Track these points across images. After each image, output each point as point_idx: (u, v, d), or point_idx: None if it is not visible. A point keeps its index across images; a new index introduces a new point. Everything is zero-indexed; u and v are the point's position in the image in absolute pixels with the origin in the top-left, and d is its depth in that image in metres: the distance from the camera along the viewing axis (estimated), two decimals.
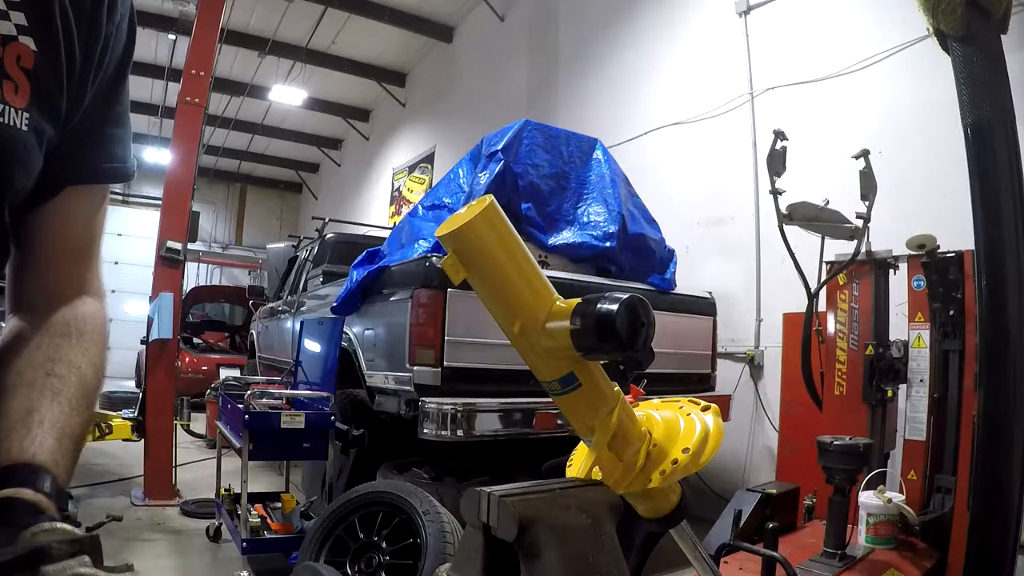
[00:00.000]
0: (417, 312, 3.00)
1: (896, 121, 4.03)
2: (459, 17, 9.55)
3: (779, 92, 4.83)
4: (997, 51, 2.05)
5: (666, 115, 5.78)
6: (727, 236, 5.09)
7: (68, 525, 0.51)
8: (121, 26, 0.72)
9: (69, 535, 0.50)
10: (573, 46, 7.20)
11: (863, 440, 2.44)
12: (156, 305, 4.82)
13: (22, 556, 0.46)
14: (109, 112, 0.74)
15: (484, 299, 0.61)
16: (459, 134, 9.16)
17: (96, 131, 0.73)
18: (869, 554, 2.49)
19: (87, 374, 0.71)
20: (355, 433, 3.45)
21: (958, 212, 2.36)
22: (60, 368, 0.68)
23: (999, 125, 2.01)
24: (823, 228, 3.09)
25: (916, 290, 2.90)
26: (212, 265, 16.23)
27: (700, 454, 0.65)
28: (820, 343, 3.13)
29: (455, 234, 0.58)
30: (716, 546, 2.33)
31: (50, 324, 0.72)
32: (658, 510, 0.72)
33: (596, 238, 3.72)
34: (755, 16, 5.13)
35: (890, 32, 4.04)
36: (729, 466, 4.68)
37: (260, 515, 3.31)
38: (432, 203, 3.83)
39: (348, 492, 2.76)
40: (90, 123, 0.71)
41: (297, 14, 8.96)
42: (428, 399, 2.92)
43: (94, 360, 0.73)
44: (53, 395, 0.65)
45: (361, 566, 2.53)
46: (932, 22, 2.07)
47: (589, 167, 3.96)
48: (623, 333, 0.55)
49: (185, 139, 5.12)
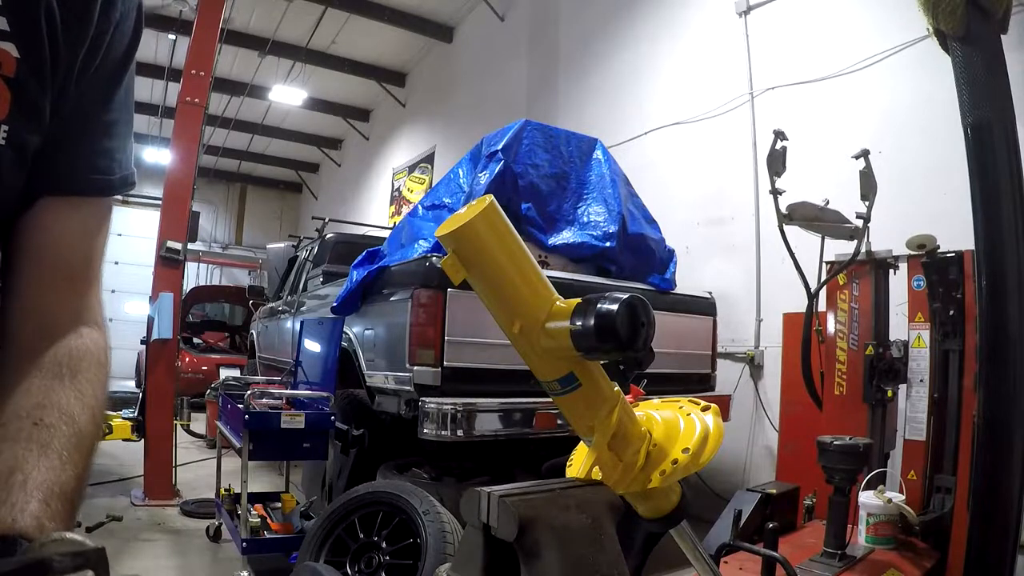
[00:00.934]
0: (417, 312, 3.00)
1: (896, 121, 4.03)
2: (459, 17, 9.55)
3: (779, 92, 4.83)
4: (997, 51, 2.05)
5: (666, 115, 5.78)
6: (727, 236, 5.09)
7: (78, 536, 0.49)
8: (122, 26, 0.65)
9: (77, 546, 0.48)
10: (573, 46, 7.20)
11: (863, 440, 2.44)
12: (156, 305, 4.82)
13: (24, 567, 0.45)
14: (96, 120, 0.67)
15: (484, 299, 0.61)
16: (459, 134, 9.16)
17: (79, 139, 0.66)
18: (869, 554, 2.49)
19: (82, 421, 0.61)
20: (355, 433, 3.46)
21: (958, 212, 2.36)
22: (50, 416, 0.60)
23: (999, 125, 2.01)
24: (823, 228, 3.09)
25: (916, 290, 2.90)
26: (212, 265, 16.23)
27: (700, 454, 0.65)
28: (820, 343, 3.13)
29: (455, 234, 0.58)
30: (716, 546, 2.33)
31: (40, 364, 0.63)
32: (658, 510, 0.72)
33: (596, 238, 3.72)
34: (755, 16, 5.13)
35: (890, 32, 4.04)
36: (729, 466, 4.68)
37: (260, 515, 3.31)
38: (432, 203, 3.83)
39: (348, 492, 2.76)
40: (72, 130, 0.65)
41: (297, 14, 8.96)
42: (428, 399, 2.92)
43: (90, 403, 0.64)
44: (41, 449, 0.57)
45: (361, 566, 2.53)
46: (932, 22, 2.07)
47: (589, 167, 3.96)
48: (623, 333, 0.55)
49: (185, 139, 5.12)
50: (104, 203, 0.72)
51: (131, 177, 0.73)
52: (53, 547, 0.48)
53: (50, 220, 0.66)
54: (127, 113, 0.70)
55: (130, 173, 0.73)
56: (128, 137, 0.71)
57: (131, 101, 0.71)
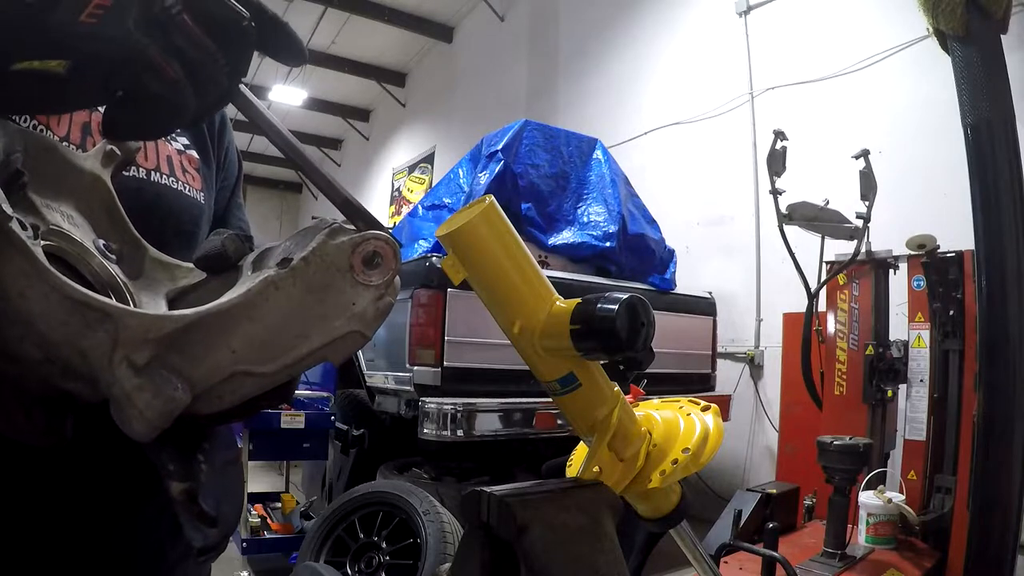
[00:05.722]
0: (417, 312, 3.00)
1: (896, 121, 4.03)
2: (459, 17, 9.55)
3: (779, 92, 4.83)
4: (997, 51, 2.05)
5: (666, 115, 5.78)
6: (727, 236, 5.09)
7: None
8: (230, 148, 0.99)
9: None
10: (573, 46, 7.20)
11: (863, 440, 2.44)
12: None
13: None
14: (234, 199, 1.00)
15: (484, 299, 0.61)
16: (459, 134, 9.16)
17: (227, 213, 0.97)
18: (869, 554, 2.49)
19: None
20: (355, 433, 3.46)
21: (958, 212, 2.36)
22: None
23: (999, 125, 2.01)
24: (823, 228, 3.09)
25: (916, 290, 2.90)
26: None
27: (700, 454, 0.64)
28: (820, 343, 3.13)
29: (455, 234, 0.58)
30: (716, 546, 2.33)
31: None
32: (658, 510, 0.72)
33: (596, 238, 3.72)
34: (755, 16, 5.13)
35: (890, 32, 4.04)
36: (729, 466, 4.68)
37: (260, 515, 3.31)
38: (432, 203, 3.83)
39: (348, 492, 2.76)
40: (220, 207, 0.95)
41: (297, 14, 8.95)
42: (428, 399, 2.92)
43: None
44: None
45: (361, 566, 2.53)
46: (932, 22, 2.07)
47: (589, 167, 3.96)
48: (623, 333, 0.55)
49: None
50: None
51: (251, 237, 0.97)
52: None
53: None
54: (240, 198, 1.04)
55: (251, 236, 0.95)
56: (244, 212, 1.04)
57: (240, 193, 1.04)
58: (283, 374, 0.47)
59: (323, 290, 0.47)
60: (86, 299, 0.41)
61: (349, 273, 0.47)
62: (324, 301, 0.47)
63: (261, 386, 0.47)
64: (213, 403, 0.46)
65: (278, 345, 0.46)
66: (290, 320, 0.46)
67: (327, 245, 0.47)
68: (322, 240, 0.47)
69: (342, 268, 0.47)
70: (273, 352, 0.46)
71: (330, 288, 0.47)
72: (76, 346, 0.41)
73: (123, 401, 0.41)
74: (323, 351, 0.47)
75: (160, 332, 0.43)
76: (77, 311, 0.41)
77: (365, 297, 0.48)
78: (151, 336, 0.42)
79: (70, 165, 0.59)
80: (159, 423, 0.42)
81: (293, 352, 0.46)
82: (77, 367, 0.42)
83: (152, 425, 0.42)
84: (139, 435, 0.42)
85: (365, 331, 0.48)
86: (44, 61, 0.40)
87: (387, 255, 0.49)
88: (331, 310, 0.47)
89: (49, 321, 0.41)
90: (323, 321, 0.47)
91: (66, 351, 0.42)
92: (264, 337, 0.45)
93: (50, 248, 0.51)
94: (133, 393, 0.41)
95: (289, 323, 0.46)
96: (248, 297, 0.45)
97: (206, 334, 0.44)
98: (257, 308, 0.45)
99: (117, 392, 0.41)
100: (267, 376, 0.46)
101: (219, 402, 0.46)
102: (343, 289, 0.47)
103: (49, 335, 0.41)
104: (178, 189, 0.81)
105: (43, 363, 0.42)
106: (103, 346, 0.41)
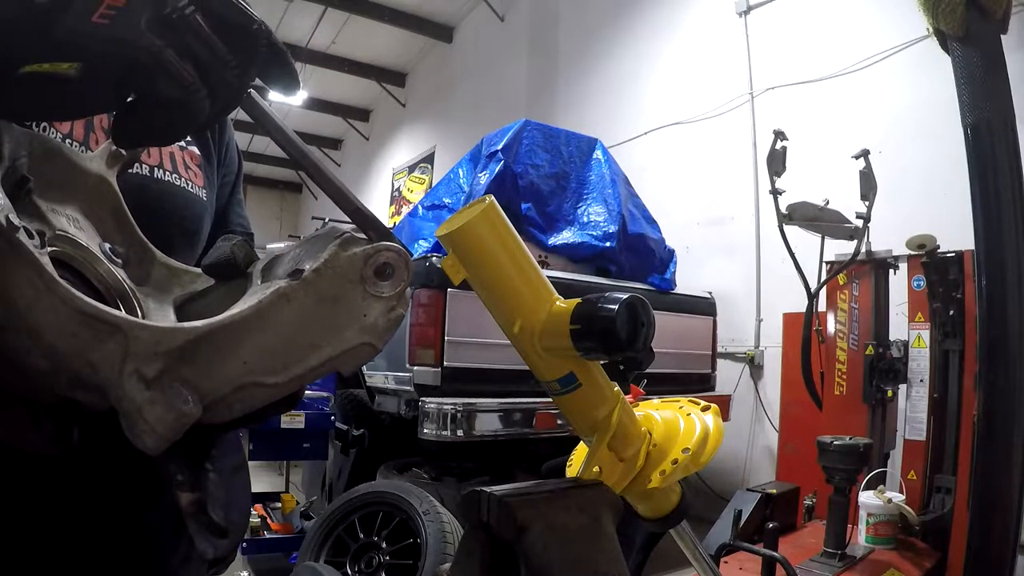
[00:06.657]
0: (417, 312, 3.00)
1: (896, 121, 4.03)
2: (459, 17, 9.55)
3: (779, 92, 4.83)
4: (997, 51, 2.05)
5: (666, 115, 5.78)
6: (727, 236, 5.09)
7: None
8: (230, 144, 0.99)
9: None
10: (573, 46, 7.20)
11: (863, 440, 2.44)
12: None
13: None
14: (235, 198, 1.01)
15: (484, 299, 0.61)
16: (459, 134, 9.16)
17: (229, 209, 0.99)
18: (869, 554, 2.49)
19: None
20: (355, 433, 3.46)
21: (958, 212, 2.36)
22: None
23: (999, 125, 2.01)
24: (823, 228, 3.09)
25: (916, 290, 2.90)
26: None
27: (700, 454, 0.64)
28: (820, 343, 3.13)
29: (455, 234, 0.58)
30: (716, 546, 2.33)
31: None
32: (658, 510, 0.72)
33: (596, 238, 3.72)
34: (755, 16, 5.13)
35: (890, 32, 4.04)
36: (729, 466, 4.68)
37: (260, 515, 3.31)
38: (432, 203, 3.83)
39: (348, 492, 2.76)
40: (222, 203, 0.96)
41: (297, 14, 8.95)
42: (428, 399, 2.91)
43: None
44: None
45: (361, 566, 2.53)
46: (932, 22, 2.07)
47: (589, 167, 3.96)
48: (623, 333, 0.55)
49: None
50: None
51: (252, 234, 1.02)
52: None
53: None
54: (241, 195, 1.05)
55: (251, 232, 1.04)
56: (244, 208, 1.05)
57: (240, 190, 1.05)
58: (293, 384, 0.47)
59: (334, 301, 0.46)
60: (96, 312, 0.41)
61: (361, 284, 0.47)
62: (335, 312, 0.47)
63: (271, 396, 0.46)
64: (223, 413, 0.46)
65: (289, 356, 0.46)
66: (301, 331, 0.46)
67: (339, 256, 0.47)
68: (334, 251, 0.47)
69: (354, 279, 0.47)
70: (284, 363, 0.46)
71: (341, 299, 0.47)
72: (85, 358, 0.41)
73: (134, 415, 0.41)
74: (333, 362, 0.47)
75: (171, 344, 0.42)
76: (87, 323, 0.41)
77: (376, 308, 0.48)
78: (162, 349, 0.42)
79: (75, 167, 0.59)
80: (170, 437, 0.41)
81: (304, 363, 0.46)
82: (86, 378, 0.42)
83: (163, 439, 0.41)
84: (150, 449, 0.42)
85: (376, 343, 0.48)
86: (55, 64, 0.40)
87: (399, 267, 0.49)
88: (342, 321, 0.47)
89: (58, 333, 0.40)
90: (334, 332, 0.47)
91: (75, 363, 0.41)
92: (275, 348, 0.45)
93: (56, 254, 0.50)
94: (144, 407, 0.41)
95: (300, 334, 0.46)
96: (259, 308, 0.45)
97: (217, 346, 0.44)
98: (268, 319, 0.45)
99: (127, 406, 0.41)
100: (278, 386, 0.46)
101: (229, 412, 0.46)
102: (354, 300, 0.47)
103: (58, 347, 0.41)
104: (181, 186, 0.81)
105: (51, 374, 0.42)
106: (113, 358, 0.41)
